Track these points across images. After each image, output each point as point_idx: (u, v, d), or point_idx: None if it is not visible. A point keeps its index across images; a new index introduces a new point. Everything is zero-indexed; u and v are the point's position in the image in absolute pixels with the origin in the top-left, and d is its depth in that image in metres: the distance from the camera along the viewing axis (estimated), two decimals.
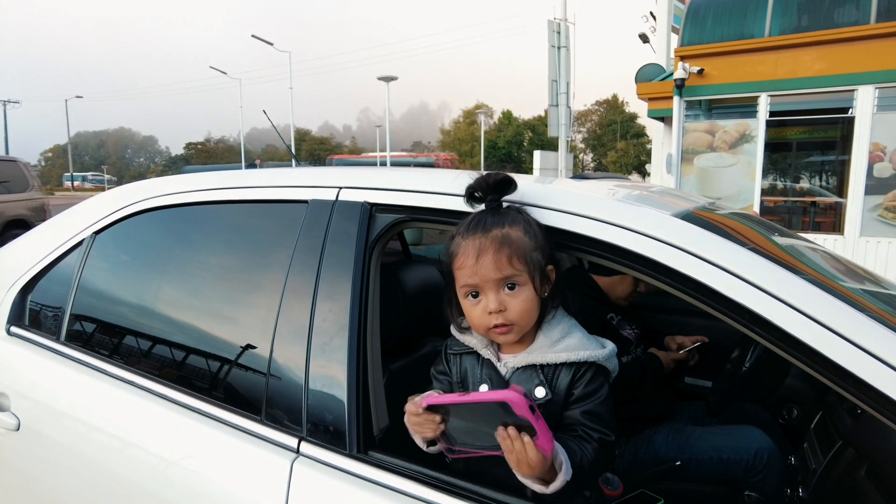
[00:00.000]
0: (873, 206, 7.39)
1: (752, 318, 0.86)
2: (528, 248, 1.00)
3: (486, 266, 0.98)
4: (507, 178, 1.04)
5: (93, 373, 1.41)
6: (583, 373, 1.02)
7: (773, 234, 1.31)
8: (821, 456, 1.48)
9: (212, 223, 1.45)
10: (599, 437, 0.99)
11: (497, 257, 0.98)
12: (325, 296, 1.14)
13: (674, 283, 0.92)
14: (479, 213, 1.04)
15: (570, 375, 1.02)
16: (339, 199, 1.23)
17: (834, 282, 1.00)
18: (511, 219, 1.02)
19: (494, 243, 0.99)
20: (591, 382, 1.02)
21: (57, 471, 1.40)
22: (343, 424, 1.06)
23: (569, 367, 1.02)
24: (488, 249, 0.98)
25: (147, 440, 1.25)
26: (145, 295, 1.50)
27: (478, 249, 0.99)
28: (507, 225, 1.00)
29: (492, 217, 1.02)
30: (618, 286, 2.06)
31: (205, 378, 1.29)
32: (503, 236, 0.99)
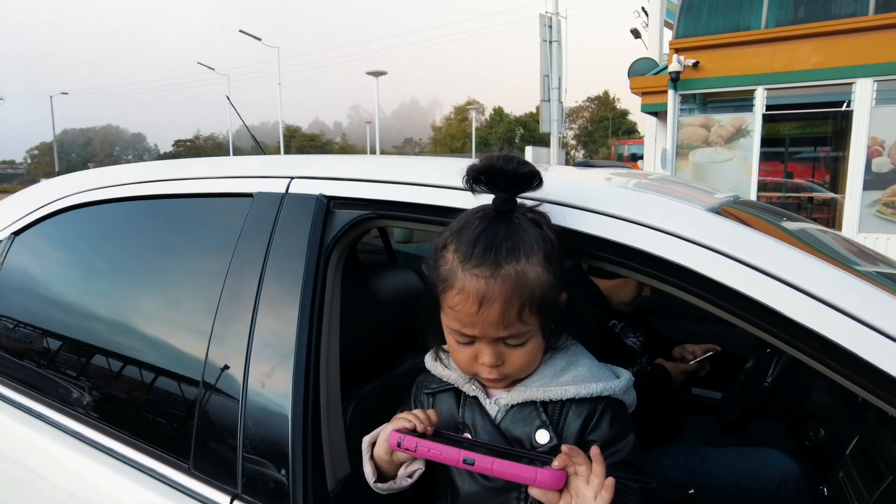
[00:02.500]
0: (872, 202, 7.26)
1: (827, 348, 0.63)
2: (545, 290, 0.75)
3: (489, 321, 0.74)
4: (533, 171, 0.76)
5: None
6: (599, 413, 0.80)
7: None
8: (864, 491, 1.27)
9: (143, 222, 1.21)
10: (640, 486, 0.79)
11: (506, 311, 0.73)
12: (267, 312, 0.91)
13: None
14: (486, 226, 0.76)
15: (582, 417, 0.79)
16: (290, 191, 1.00)
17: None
18: (528, 243, 0.75)
19: (504, 291, 0.73)
20: (613, 425, 0.80)
21: None
22: (286, 478, 0.83)
23: (579, 406, 0.80)
24: (495, 300, 0.73)
25: (49, 485, 1.02)
26: (63, 308, 1.26)
27: (481, 296, 0.73)
28: (524, 257, 0.74)
29: (505, 239, 0.74)
30: (620, 290, 1.85)
31: (127, 413, 1.05)
32: (517, 279, 0.73)
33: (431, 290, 0.80)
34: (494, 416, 0.82)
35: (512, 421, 0.81)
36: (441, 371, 0.87)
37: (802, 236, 0.87)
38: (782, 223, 0.97)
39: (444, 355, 0.87)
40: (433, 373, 0.88)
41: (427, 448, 0.73)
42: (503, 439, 0.80)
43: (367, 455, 0.83)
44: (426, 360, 0.90)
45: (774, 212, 1.18)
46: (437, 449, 0.72)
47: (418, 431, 0.76)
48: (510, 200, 0.77)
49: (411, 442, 0.73)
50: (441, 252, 0.78)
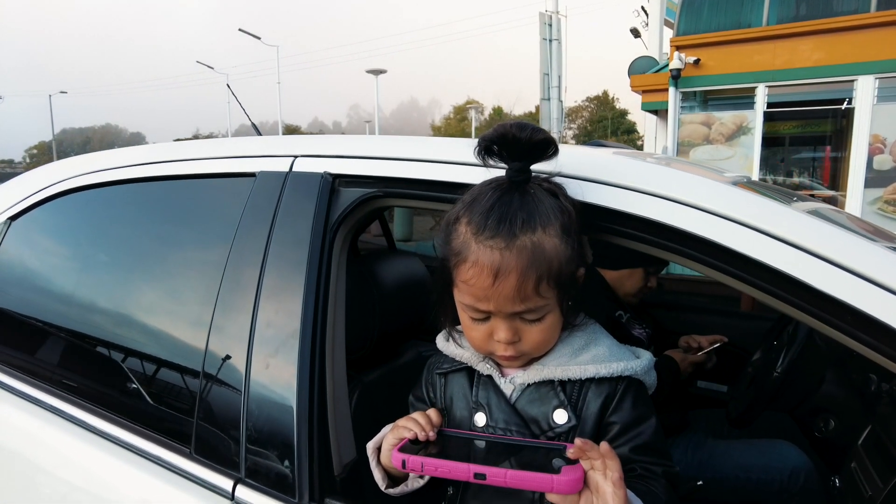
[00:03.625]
0: (873, 200, 7.24)
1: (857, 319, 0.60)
2: (562, 262, 0.72)
3: (504, 294, 0.70)
4: (548, 139, 0.72)
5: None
6: (620, 395, 0.77)
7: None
8: (878, 481, 1.25)
9: (143, 205, 1.18)
10: (664, 470, 0.76)
11: (522, 283, 0.70)
12: (271, 293, 0.88)
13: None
14: (499, 192, 0.73)
15: (602, 397, 0.77)
16: (294, 169, 0.97)
17: None
18: (544, 213, 0.71)
19: (521, 263, 0.69)
20: (635, 407, 0.77)
21: None
22: (291, 462, 0.80)
23: (599, 386, 0.77)
24: (511, 272, 0.69)
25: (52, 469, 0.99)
26: (62, 294, 1.23)
27: (496, 269, 0.70)
28: (541, 227, 0.70)
29: (521, 209, 0.71)
30: (626, 281, 1.83)
31: (126, 396, 1.02)
32: (534, 250, 0.70)
33: (444, 266, 0.77)
34: (510, 395, 0.79)
35: (528, 400, 0.78)
36: (454, 350, 0.83)
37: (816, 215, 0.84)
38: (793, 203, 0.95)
39: (456, 334, 0.84)
40: (445, 353, 0.85)
41: (434, 467, 0.69)
42: (518, 419, 0.77)
43: (374, 461, 0.81)
44: (438, 340, 0.87)
45: (786, 193, 1.15)
46: (444, 467, 0.68)
47: (421, 441, 0.73)
48: (524, 170, 0.73)
49: (416, 462, 0.69)
50: (453, 225, 0.75)
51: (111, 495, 0.93)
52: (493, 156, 0.74)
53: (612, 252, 1.80)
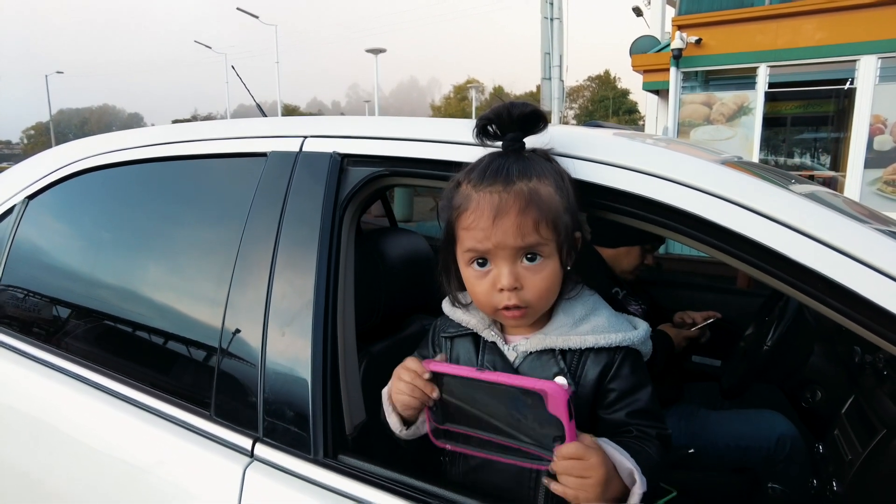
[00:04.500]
0: (872, 180, 7.25)
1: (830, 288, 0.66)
2: (559, 209, 0.77)
3: (505, 230, 0.75)
4: (536, 111, 0.79)
5: (17, 358, 1.21)
6: (619, 364, 0.81)
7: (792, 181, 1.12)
8: (858, 446, 1.31)
9: (158, 184, 1.23)
10: (657, 432, 0.81)
11: (521, 220, 0.75)
12: (284, 266, 0.94)
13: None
14: (496, 156, 0.79)
15: (601, 366, 0.81)
16: (304, 149, 1.02)
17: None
18: (540, 169, 0.78)
19: (519, 201, 0.75)
20: (632, 375, 0.82)
21: None
22: (307, 422, 0.86)
23: (597, 355, 0.81)
24: (510, 209, 0.75)
25: (80, 434, 1.05)
26: (82, 269, 1.29)
27: (496, 207, 0.75)
28: (536, 177, 0.76)
29: (516, 163, 0.77)
30: (623, 258, 1.88)
31: (147, 365, 1.09)
32: (530, 193, 0.75)
33: (447, 227, 0.82)
34: (513, 361, 0.84)
35: (530, 367, 0.82)
36: (461, 316, 0.88)
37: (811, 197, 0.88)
38: (790, 185, 0.99)
39: (462, 299, 0.88)
40: (452, 318, 0.89)
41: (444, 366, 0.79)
42: None
43: (388, 407, 0.85)
44: (444, 305, 0.91)
45: (782, 174, 1.19)
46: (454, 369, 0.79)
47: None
48: (518, 139, 0.79)
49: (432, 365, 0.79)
50: (453, 189, 0.81)
51: (136, 454, 0.99)
52: (489, 136, 0.81)
53: (609, 230, 1.85)
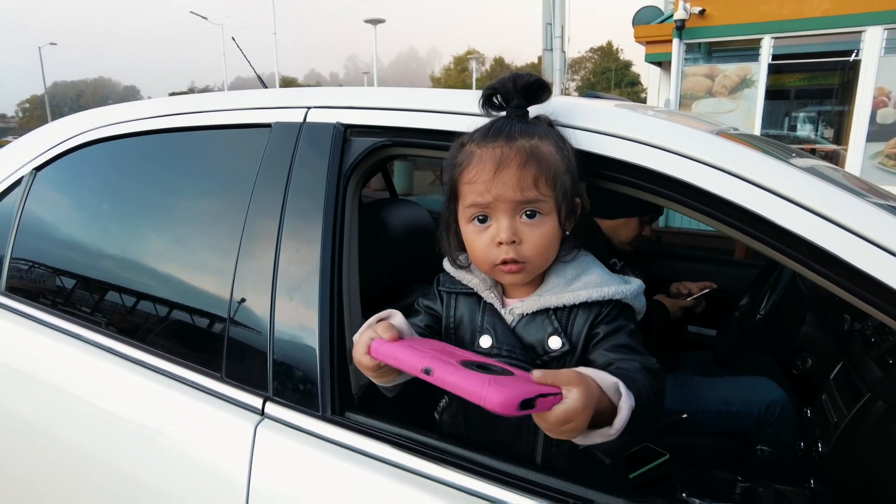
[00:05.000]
0: (874, 154, 7.23)
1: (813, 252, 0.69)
2: (558, 169, 0.79)
3: (505, 182, 0.77)
4: (540, 81, 0.81)
5: (35, 325, 1.25)
6: (608, 312, 0.83)
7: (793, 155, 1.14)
8: (843, 409, 1.36)
9: (165, 154, 1.25)
10: (640, 363, 0.78)
11: (521, 174, 0.77)
12: (291, 234, 0.97)
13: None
14: (500, 119, 0.82)
15: (590, 316, 0.83)
16: (308, 120, 1.04)
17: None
18: (542, 131, 0.80)
19: (520, 156, 0.77)
20: (616, 319, 0.83)
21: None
22: (315, 382, 0.90)
23: (588, 309, 0.83)
24: (511, 162, 0.77)
25: (94, 397, 1.10)
26: (92, 238, 1.32)
27: (498, 160, 0.77)
28: (538, 136, 0.79)
29: (519, 124, 0.80)
30: (622, 230, 1.91)
31: (158, 330, 1.12)
32: (532, 149, 0.78)
33: (450, 184, 0.84)
34: (511, 323, 0.86)
35: (526, 329, 0.85)
36: (463, 275, 0.90)
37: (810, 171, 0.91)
38: (788, 157, 1.01)
39: (460, 260, 0.91)
40: (456, 276, 0.91)
41: (392, 356, 0.70)
42: (520, 344, 0.84)
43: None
44: (445, 263, 0.93)
45: (781, 146, 1.21)
46: (401, 355, 0.69)
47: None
48: (521, 106, 0.82)
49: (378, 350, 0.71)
50: (457, 149, 0.84)
51: (150, 415, 1.04)
52: (494, 106, 0.84)
53: (608, 201, 1.87)
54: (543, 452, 0.85)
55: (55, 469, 1.13)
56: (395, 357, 0.69)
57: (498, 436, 0.86)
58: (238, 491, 0.89)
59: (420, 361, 0.66)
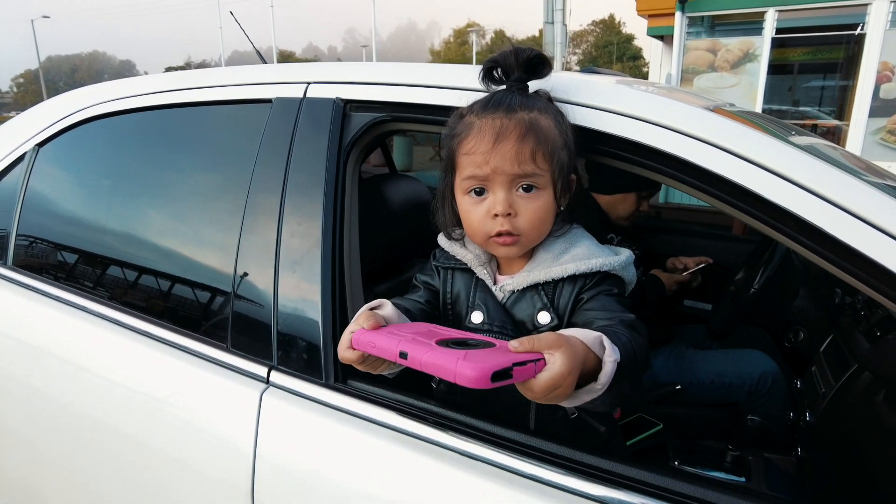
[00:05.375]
0: (876, 130, 7.19)
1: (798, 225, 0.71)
2: (556, 144, 0.80)
3: (503, 154, 0.78)
4: (541, 56, 0.82)
5: (44, 299, 1.28)
6: (595, 281, 0.84)
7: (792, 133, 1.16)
8: (832, 380, 1.40)
9: (167, 130, 1.27)
10: (619, 318, 0.78)
11: (520, 147, 0.77)
12: (293, 208, 0.99)
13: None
14: (500, 91, 0.83)
15: (575, 287, 0.83)
16: (308, 95, 1.05)
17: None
18: (541, 105, 0.81)
19: (519, 128, 0.78)
20: (599, 285, 0.83)
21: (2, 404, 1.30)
22: (318, 351, 0.93)
23: (573, 281, 0.84)
24: (510, 134, 0.78)
25: (103, 369, 1.13)
26: (96, 212, 1.34)
27: (496, 132, 0.78)
28: (537, 110, 0.80)
29: (519, 97, 0.81)
30: (619, 205, 1.93)
31: (166, 303, 1.15)
32: (531, 121, 0.78)
33: (448, 155, 0.85)
34: (502, 299, 0.88)
35: (516, 305, 0.86)
36: (458, 250, 0.91)
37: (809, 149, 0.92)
38: (789, 136, 1.03)
39: (457, 235, 0.92)
40: (451, 251, 0.93)
41: (371, 344, 0.69)
42: (511, 320, 0.86)
43: None
44: (440, 238, 0.95)
45: (779, 124, 1.23)
46: (378, 342, 0.68)
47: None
48: (521, 80, 0.83)
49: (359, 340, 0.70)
50: (457, 120, 0.85)
51: (158, 385, 1.07)
52: (495, 80, 0.85)
53: (606, 177, 1.89)
54: (536, 421, 0.87)
55: (69, 437, 1.17)
56: (374, 345, 0.68)
57: (491, 408, 0.87)
58: (245, 455, 0.93)
59: (396, 346, 0.65)
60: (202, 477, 0.98)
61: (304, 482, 0.90)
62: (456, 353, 0.60)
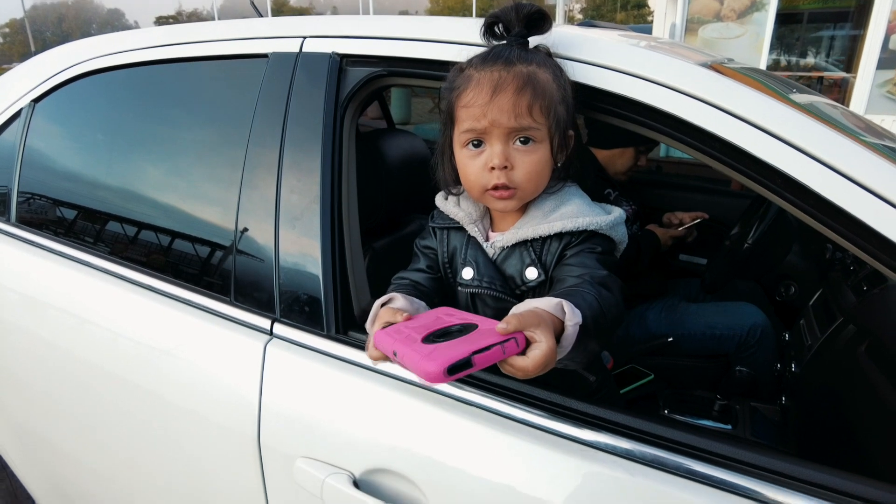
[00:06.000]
0: (883, 82, 7.04)
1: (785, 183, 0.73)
2: (554, 98, 0.80)
3: (501, 106, 0.78)
4: (542, 11, 0.82)
5: (50, 255, 1.30)
6: (581, 240, 0.84)
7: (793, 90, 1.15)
8: (818, 332, 1.44)
9: (163, 85, 1.26)
10: (589, 275, 0.78)
11: (517, 99, 0.78)
12: (291, 164, 1.00)
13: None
14: (499, 45, 0.84)
15: (561, 244, 0.85)
16: (304, 50, 1.04)
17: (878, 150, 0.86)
18: (540, 59, 0.81)
19: (518, 81, 0.78)
20: (583, 243, 0.84)
21: (11, 354, 1.34)
22: (319, 304, 0.96)
23: (560, 238, 0.85)
24: (508, 86, 0.78)
25: (109, 322, 1.17)
26: (97, 169, 1.34)
27: (495, 84, 0.78)
28: (536, 64, 0.80)
29: (518, 51, 0.81)
30: (617, 160, 1.93)
31: (169, 258, 1.18)
32: (529, 74, 0.79)
33: (447, 108, 0.85)
34: (492, 256, 0.90)
35: (506, 261, 0.88)
36: (451, 209, 0.93)
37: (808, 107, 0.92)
38: (790, 94, 1.02)
39: (454, 193, 0.94)
40: (444, 210, 0.95)
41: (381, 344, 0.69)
42: (500, 276, 0.88)
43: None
44: (437, 198, 0.97)
45: (781, 81, 1.22)
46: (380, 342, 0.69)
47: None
48: (522, 35, 0.83)
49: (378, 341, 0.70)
50: (455, 73, 0.85)
51: (164, 338, 1.11)
52: (495, 35, 0.85)
53: (604, 132, 1.88)
54: None
55: (80, 387, 1.21)
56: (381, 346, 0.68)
57: None
58: (251, 404, 0.98)
59: (391, 346, 0.66)
60: (209, 424, 1.03)
61: (308, 428, 0.94)
62: (422, 350, 0.62)
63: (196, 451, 1.07)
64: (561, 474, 0.78)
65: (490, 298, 0.88)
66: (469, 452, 0.83)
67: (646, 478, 0.74)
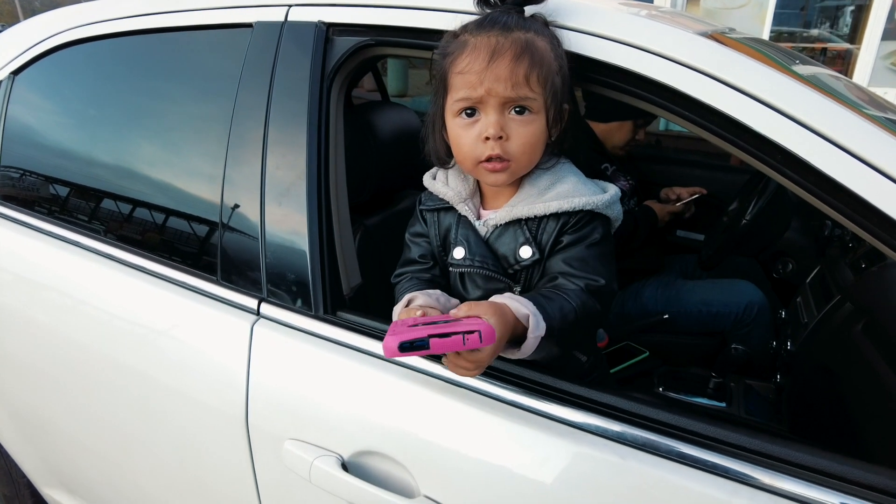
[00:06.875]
0: (887, 54, 6.92)
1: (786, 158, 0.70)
2: (551, 68, 0.77)
3: (497, 74, 0.75)
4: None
5: (33, 233, 1.27)
6: (577, 220, 0.83)
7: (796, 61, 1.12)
8: (815, 310, 1.43)
9: (147, 56, 1.21)
10: (585, 283, 0.79)
11: (514, 67, 0.75)
12: (276, 139, 0.96)
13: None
14: (496, 11, 0.80)
15: (558, 225, 0.82)
16: (289, 19, 1.00)
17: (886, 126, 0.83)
18: (538, 27, 0.78)
19: (515, 47, 0.75)
20: (582, 228, 0.82)
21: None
22: (307, 284, 0.94)
23: (556, 217, 0.82)
24: (506, 53, 0.75)
25: (98, 303, 1.15)
26: (80, 144, 1.31)
27: (492, 49, 0.75)
28: (533, 31, 0.77)
29: (515, 17, 0.78)
30: (615, 134, 1.89)
31: (153, 236, 1.15)
32: (527, 42, 0.76)
33: (440, 77, 0.82)
34: (484, 234, 0.87)
35: (499, 240, 0.85)
36: (440, 188, 0.90)
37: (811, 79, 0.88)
38: (793, 66, 0.98)
39: (445, 167, 0.91)
40: (432, 190, 0.92)
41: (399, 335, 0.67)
42: (492, 255, 0.85)
43: None
44: (425, 178, 0.93)
45: (784, 52, 1.17)
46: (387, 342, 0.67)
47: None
48: (518, 3, 0.80)
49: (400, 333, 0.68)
50: (450, 39, 0.81)
51: (151, 318, 1.09)
52: (490, 5, 0.81)
53: (602, 105, 1.84)
54: None
55: (71, 366, 1.20)
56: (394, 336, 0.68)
57: None
58: (239, 384, 0.96)
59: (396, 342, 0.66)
60: (198, 405, 1.02)
61: (296, 410, 0.93)
62: (395, 328, 0.67)
63: (186, 431, 1.06)
64: (551, 456, 0.77)
65: (480, 278, 0.86)
66: (459, 434, 0.82)
67: (637, 461, 0.73)
